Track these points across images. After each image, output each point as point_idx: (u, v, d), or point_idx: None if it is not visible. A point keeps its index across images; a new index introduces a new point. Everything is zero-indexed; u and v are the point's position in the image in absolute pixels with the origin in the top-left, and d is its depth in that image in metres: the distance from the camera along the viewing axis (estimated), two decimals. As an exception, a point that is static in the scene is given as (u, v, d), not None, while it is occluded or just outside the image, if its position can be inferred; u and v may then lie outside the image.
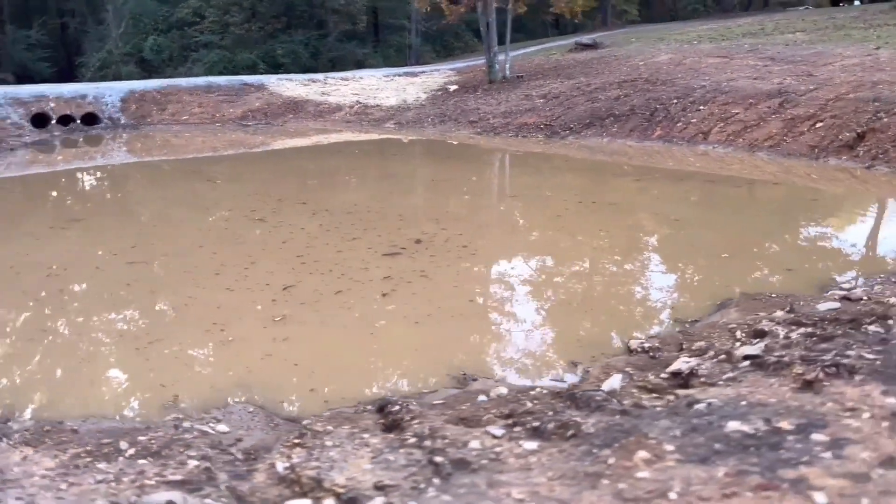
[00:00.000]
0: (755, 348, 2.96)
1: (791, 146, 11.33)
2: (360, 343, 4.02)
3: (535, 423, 2.34)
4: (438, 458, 2.02)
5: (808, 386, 2.27)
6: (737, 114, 13.10)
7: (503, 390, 3.11)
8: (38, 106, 17.97)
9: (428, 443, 2.19)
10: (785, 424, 2.00)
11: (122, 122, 18.96)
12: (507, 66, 20.77)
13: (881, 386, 2.20)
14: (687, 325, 4.12)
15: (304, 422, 2.89)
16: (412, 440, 2.28)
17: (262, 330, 4.18)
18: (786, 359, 2.62)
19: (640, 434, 2.01)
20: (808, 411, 2.09)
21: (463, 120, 16.97)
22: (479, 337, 4.23)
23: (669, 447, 1.93)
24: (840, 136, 10.87)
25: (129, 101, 19.59)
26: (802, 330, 3.36)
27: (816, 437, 1.90)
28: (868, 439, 1.83)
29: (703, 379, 2.91)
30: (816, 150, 10.86)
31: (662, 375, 3.02)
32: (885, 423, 1.91)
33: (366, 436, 2.45)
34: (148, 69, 29.94)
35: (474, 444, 2.18)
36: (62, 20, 35.71)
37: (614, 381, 2.94)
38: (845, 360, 2.45)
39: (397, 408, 2.75)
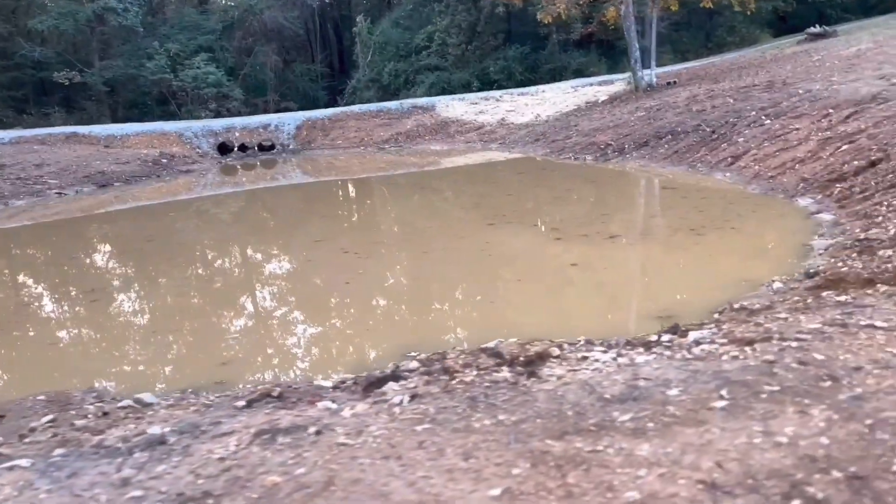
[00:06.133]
0: None
1: (783, 178, 8.69)
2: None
3: None
4: None
5: None
6: (795, 130, 10.32)
7: None
8: (225, 136, 21.56)
9: None
10: None
11: (291, 147, 21.70)
12: (653, 73, 18.66)
13: None
14: None
15: None
16: None
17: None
18: None
19: None
20: None
21: (550, 139, 15.92)
22: None
23: None
24: (843, 167, 7.92)
25: (301, 129, 22.32)
26: None
27: None
28: None
29: None
30: (802, 186, 8.14)
31: None
32: None
33: None
34: (386, 93, 33.12)
35: None
36: (339, 51, 41.33)
37: None
38: None
39: None
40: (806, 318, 3.33)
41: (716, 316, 4.52)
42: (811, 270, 4.94)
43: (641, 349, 3.37)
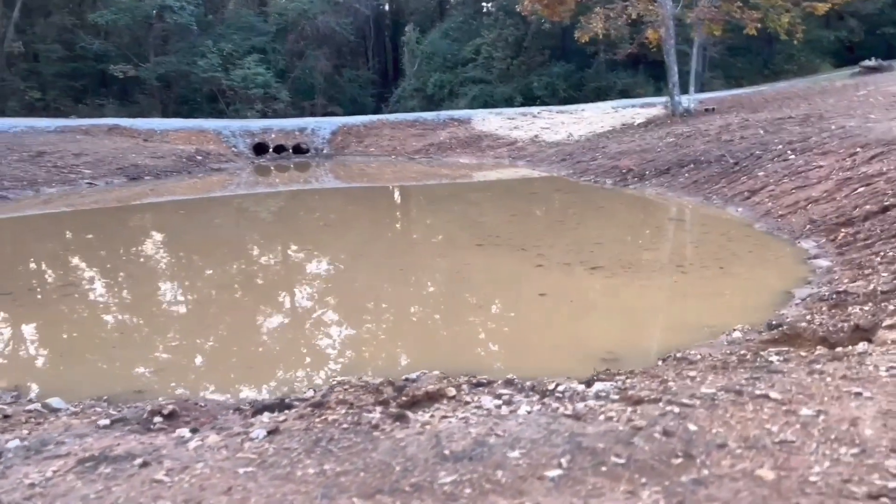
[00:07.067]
0: None
1: (792, 218, 8.27)
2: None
3: None
4: None
5: None
6: (818, 167, 9.87)
7: None
8: (262, 137, 21.86)
9: None
10: None
11: (325, 152, 21.87)
12: (691, 99, 18.19)
13: None
14: None
15: None
16: None
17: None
18: None
19: None
20: None
21: (576, 159, 15.65)
22: None
23: None
24: (854, 211, 7.50)
25: (337, 134, 22.49)
26: None
27: None
28: None
29: None
30: (809, 228, 7.73)
31: None
32: None
33: None
34: (430, 103, 33.20)
35: None
36: (394, 59, 41.63)
37: None
38: None
39: None
40: (713, 378, 3.08)
41: (659, 363, 4.28)
42: (774, 322, 4.63)
43: (536, 397, 3.18)
